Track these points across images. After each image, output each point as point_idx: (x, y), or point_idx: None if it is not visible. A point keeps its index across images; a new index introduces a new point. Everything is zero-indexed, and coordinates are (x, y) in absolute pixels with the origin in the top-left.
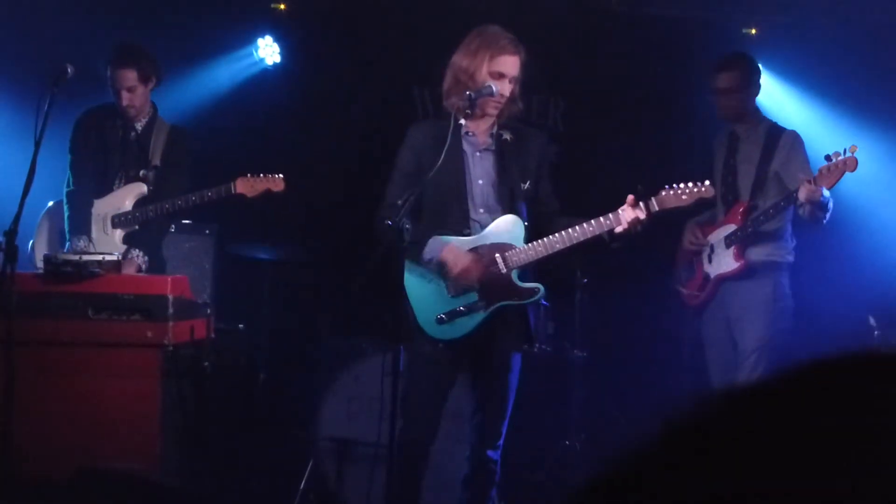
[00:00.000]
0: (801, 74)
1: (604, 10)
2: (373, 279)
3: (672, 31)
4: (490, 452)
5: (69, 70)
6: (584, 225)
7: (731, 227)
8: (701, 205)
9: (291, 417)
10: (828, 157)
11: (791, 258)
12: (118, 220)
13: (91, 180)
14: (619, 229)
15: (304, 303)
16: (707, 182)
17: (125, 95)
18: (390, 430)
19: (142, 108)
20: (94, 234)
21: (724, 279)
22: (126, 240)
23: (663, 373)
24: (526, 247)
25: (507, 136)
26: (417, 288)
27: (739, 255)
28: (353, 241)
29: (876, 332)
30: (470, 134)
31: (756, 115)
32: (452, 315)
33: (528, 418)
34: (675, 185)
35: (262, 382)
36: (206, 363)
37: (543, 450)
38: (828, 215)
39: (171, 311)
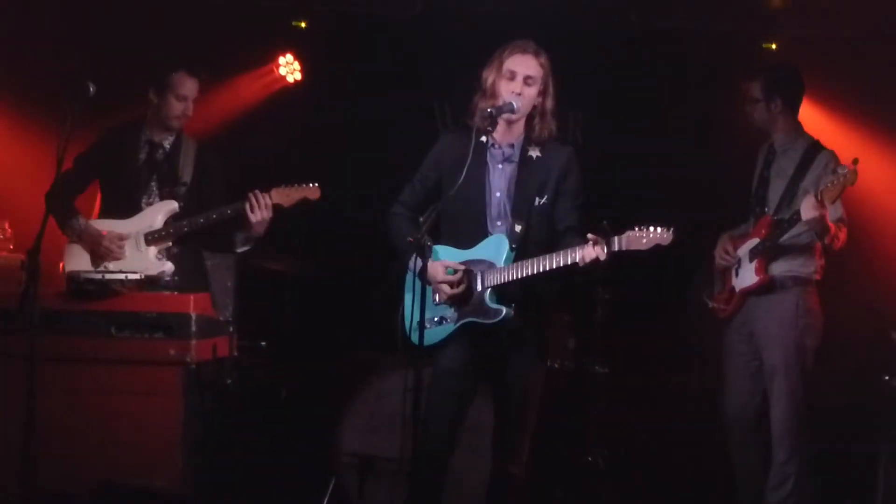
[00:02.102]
0: (824, 90)
1: (622, 24)
2: (394, 294)
3: (691, 46)
4: (512, 467)
5: (91, 88)
6: (554, 255)
7: (756, 241)
8: (658, 250)
9: (313, 434)
10: (834, 171)
11: (817, 276)
12: (151, 238)
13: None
14: (581, 264)
15: (325, 320)
16: (671, 229)
17: (188, 105)
18: (412, 444)
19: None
20: (128, 252)
21: (747, 293)
22: (164, 256)
23: (685, 388)
24: (502, 268)
25: (533, 153)
26: (410, 294)
27: (761, 270)
28: (374, 256)
29: None
30: (495, 146)
31: (795, 131)
32: (429, 323)
33: (549, 434)
34: (640, 227)
35: (283, 399)
36: (229, 380)
37: (565, 465)
38: (837, 242)
39: (193, 328)
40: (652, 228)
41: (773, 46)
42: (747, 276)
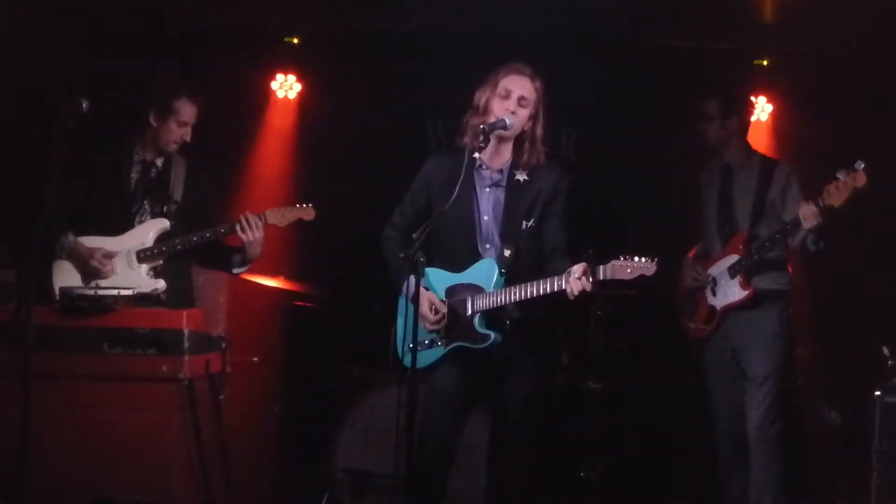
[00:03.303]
0: (815, 105)
1: (616, 41)
2: (387, 310)
3: (683, 62)
4: (508, 486)
5: (84, 105)
6: (540, 282)
7: (734, 258)
8: (640, 281)
9: (307, 450)
10: (834, 177)
11: (790, 287)
12: (143, 256)
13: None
14: (570, 297)
15: (318, 335)
16: (655, 259)
17: (187, 131)
18: (406, 461)
19: None
20: (119, 269)
21: (730, 309)
22: (155, 274)
23: (679, 404)
24: (490, 292)
25: (520, 177)
26: (403, 316)
27: (746, 284)
28: (367, 272)
29: (890, 363)
30: (483, 167)
31: (747, 149)
32: (420, 346)
33: (543, 449)
34: (625, 257)
35: (277, 415)
36: (222, 396)
37: (559, 481)
38: (821, 243)
39: (186, 345)
40: (636, 258)
41: (765, 62)
42: (731, 293)
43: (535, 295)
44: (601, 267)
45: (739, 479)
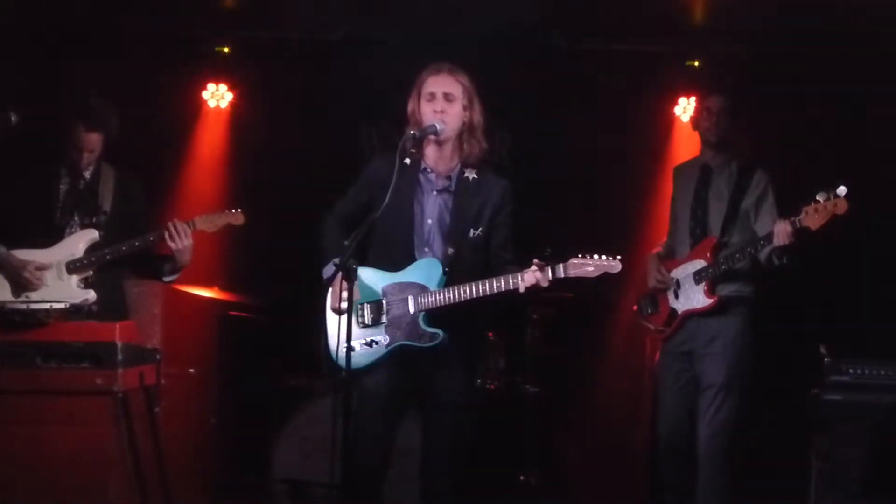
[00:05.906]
0: (746, 104)
1: (547, 45)
2: (321, 319)
3: (615, 65)
4: (441, 489)
5: (13, 118)
6: (493, 279)
7: (701, 264)
8: (606, 278)
9: (244, 460)
10: (815, 198)
11: (752, 294)
12: (73, 267)
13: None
14: (521, 289)
15: (254, 345)
16: (618, 258)
17: (86, 157)
18: (342, 468)
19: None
20: (50, 281)
21: (691, 315)
22: (85, 285)
23: (616, 406)
24: (436, 290)
25: (470, 175)
26: (334, 316)
27: (711, 292)
28: (302, 282)
29: (826, 360)
30: (429, 171)
31: (730, 149)
32: (359, 346)
33: (481, 454)
34: (585, 256)
35: (214, 426)
36: (157, 409)
37: (498, 486)
38: (785, 258)
39: (119, 357)
40: (596, 256)
41: (696, 63)
42: (694, 299)
43: (486, 293)
44: (560, 265)
45: (681, 486)
